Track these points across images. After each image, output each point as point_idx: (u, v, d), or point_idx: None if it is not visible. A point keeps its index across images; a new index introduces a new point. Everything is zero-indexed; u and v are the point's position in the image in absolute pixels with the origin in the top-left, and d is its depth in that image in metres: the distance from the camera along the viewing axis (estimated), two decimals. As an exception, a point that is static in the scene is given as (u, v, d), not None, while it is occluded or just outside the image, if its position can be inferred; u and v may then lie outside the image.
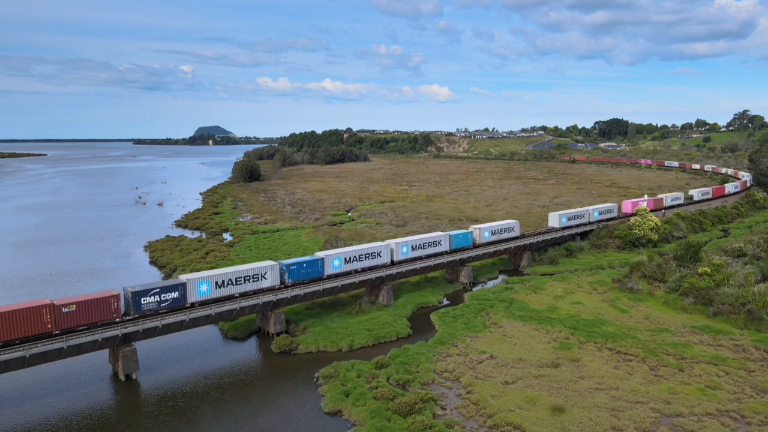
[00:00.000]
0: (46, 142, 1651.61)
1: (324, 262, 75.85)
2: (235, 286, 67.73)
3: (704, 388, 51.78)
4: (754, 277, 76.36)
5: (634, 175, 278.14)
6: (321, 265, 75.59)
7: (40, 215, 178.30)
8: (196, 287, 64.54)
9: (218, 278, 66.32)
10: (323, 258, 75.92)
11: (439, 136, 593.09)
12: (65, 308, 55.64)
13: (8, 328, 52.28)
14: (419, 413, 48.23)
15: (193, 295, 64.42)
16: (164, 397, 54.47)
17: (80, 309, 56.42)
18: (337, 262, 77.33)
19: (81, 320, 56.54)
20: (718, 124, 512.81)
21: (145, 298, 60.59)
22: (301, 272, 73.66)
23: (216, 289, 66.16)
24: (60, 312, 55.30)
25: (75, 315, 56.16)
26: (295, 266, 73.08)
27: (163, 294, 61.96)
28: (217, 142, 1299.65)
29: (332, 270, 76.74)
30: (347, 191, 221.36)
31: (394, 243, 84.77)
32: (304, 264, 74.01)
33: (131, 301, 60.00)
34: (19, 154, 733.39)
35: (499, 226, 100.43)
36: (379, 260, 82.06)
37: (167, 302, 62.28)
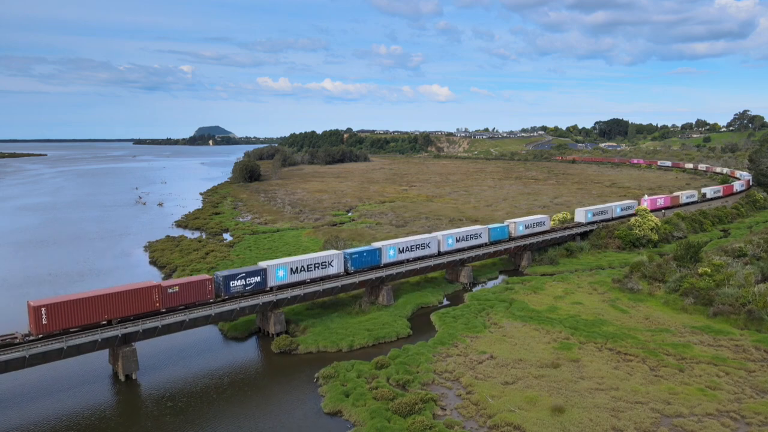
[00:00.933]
0: (46, 142, 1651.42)
1: (381, 251, 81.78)
2: (307, 273, 73.75)
3: (704, 389, 51.76)
4: (754, 278, 76.35)
5: (634, 175, 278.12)
6: (378, 254, 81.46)
7: (41, 215, 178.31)
8: (275, 273, 70.97)
9: (293, 265, 72.51)
10: (380, 248, 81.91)
11: (439, 136, 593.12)
12: (170, 289, 62.58)
13: (126, 306, 59.34)
14: (419, 413, 48.22)
15: (272, 280, 70.77)
16: (164, 397, 54.47)
17: (182, 290, 63.25)
18: (392, 251, 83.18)
19: (182, 300, 63.21)
20: (719, 124, 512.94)
21: (233, 282, 67.13)
22: (362, 260, 79.57)
23: (291, 275, 72.41)
24: (166, 292, 62.12)
25: (177, 295, 62.92)
26: (357, 255, 78.92)
27: (248, 278, 68.26)
28: (217, 142, 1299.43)
29: (388, 259, 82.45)
30: (347, 191, 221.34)
31: (441, 235, 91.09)
32: (365, 253, 79.91)
33: (222, 285, 66.24)
34: (19, 154, 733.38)
35: (532, 220, 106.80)
36: (428, 251, 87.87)
37: (251, 285, 68.67)
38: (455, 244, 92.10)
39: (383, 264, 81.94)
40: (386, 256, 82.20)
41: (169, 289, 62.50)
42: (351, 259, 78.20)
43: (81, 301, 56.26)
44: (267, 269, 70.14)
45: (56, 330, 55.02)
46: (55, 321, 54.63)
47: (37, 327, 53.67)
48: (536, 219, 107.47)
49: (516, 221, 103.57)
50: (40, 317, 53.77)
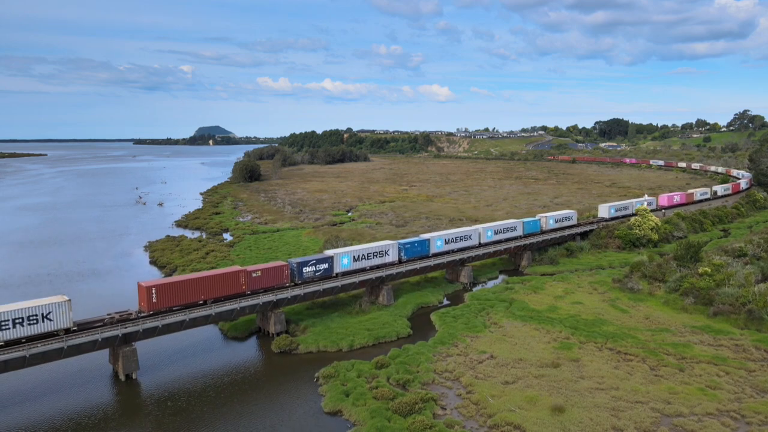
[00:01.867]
0: (46, 142, 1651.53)
1: (430, 242, 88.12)
2: (367, 260, 79.86)
3: (704, 388, 51.76)
4: (754, 277, 76.34)
5: (633, 175, 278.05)
6: (428, 245, 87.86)
7: (41, 215, 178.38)
8: (340, 260, 77.06)
9: (356, 253, 78.81)
10: (429, 239, 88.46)
11: (439, 136, 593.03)
12: (254, 274, 68.77)
13: (219, 288, 65.91)
14: (419, 413, 48.22)
15: (338, 267, 76.91)
16: (164, 397, 54.48)
17: (263, 275, 69.61)
18: (440, 242, 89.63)
19: (263, 284, 69.40)
20: (719, 124, 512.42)
21: (305, 268, 73.34)
22: (414, 250, 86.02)
23: (354, 262, 78.50)
24: (250, 276, 68.27)
25: (259, 279, 69.02)
26: (410, 245, 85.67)
27: (317, 265, 74.61)
28: (217, 142, 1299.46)
29: (436, 249, 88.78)
30: (347, 191, 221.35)
31: (482, 228, 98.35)
32: (416, 244, 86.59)
33: (296, 270, 72.33)
34: (20, 154, 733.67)
35: (561, 215, 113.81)
36: (470, 242, 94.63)
37: (320, 271, 74.95)
38: (494, 236, 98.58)
39: (432, 254, 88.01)
40: (434, 246, 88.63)
41: (253, 273, 68.58)
42: (404, 248, 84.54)
43: (183, 283, 62.90)
44: (334, 257, 76.33)
45: (163, 308, 61.39)
46: (162, 300, 61.29)
47: (148, 305, 60.46)
48: (565, 214, 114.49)
49: (547, 215, 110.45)
50: (151, 296, 60.53)
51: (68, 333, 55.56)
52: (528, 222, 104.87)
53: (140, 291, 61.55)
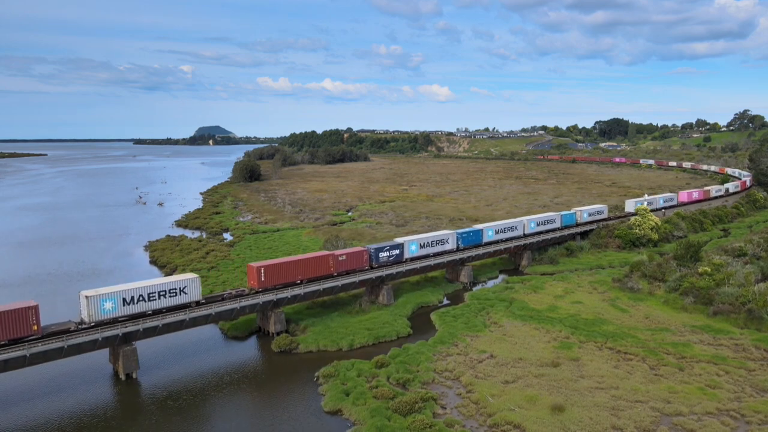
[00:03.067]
0: (46, 142, 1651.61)
1: (483, 232, 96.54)
2: (431, 248, 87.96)
3: (704, 388, 51.79)
4: (754, 277, 76.36)
5: (634, 175, 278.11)
6: (481, 234, 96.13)
7: (41, 215, 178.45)
8: (409, 247, 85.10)
9: (422, 241, 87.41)
10: (482, 229, 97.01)
11: (439, 136, 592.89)
12: (340, 257, 76.48)
13: (312, 269, 73.73)
14: (419, 412, 48.26)
15: (407, 253, 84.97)
16: (164, 396, 54.52)
17: (347, 258, 77.39)
18: (491, 232, 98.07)
19: (347, 266, 77.13)
20: (719, 123, 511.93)
21: (381, 253, 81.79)
22: (469, 239, 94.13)
23: (420, 249, 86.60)
24: (337, 260, 75.89)
25: (344, 262, 76.65)
26: (466, 234, 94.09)
27: (391, 250, 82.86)
28: (217, 142, 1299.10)
29: (487, 239, 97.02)
30: (347, 191, 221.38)
31: (526, 220, 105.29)
32: (471, 233, 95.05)
33: (373, 255, 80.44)
34: (20, 154, 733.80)
35: (594, 209, 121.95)
36: (516, 233, 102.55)
37: (393, 257, 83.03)
38: (536, 227, 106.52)
39: (484, 242, 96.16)
40: (486, 236, 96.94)
41: (339, 257, 76.20)
42: (461, 237, 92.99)
43: (284, 264, 71.77)
44: (404, 244, 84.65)
45: (269, 285, 69.89)
46: (269, 278, 69.63)
47: (258, 283, 68.92)
48: (597, 208, 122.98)
49: (581, 209, 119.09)
50: (260, 275, 68.98)
51: (198, 305, 64.25)
52: (565, 215, 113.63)
53: (250, 271, 69.94)
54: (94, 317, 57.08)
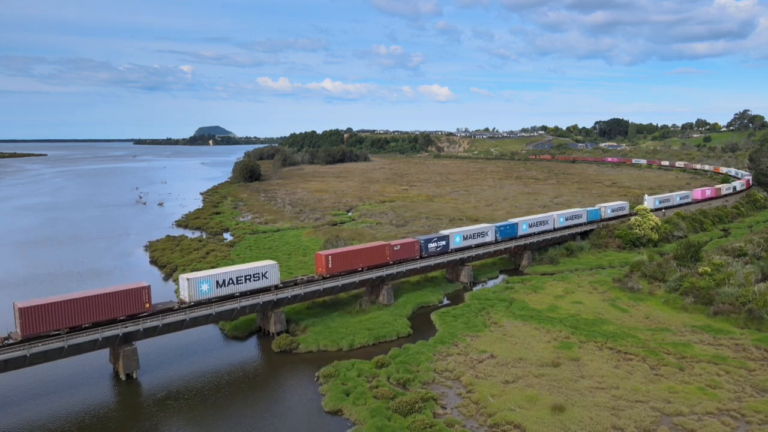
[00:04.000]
0: (47, 142, 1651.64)
1: (518, 225, 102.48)
2: (473, 239, 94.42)
3: (704, 388, 51.80)
4: (754, 277, 76.37)
5: (634, 175, 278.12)
6: (516, 228, 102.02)
7: (41, 215, 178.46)
8: (454, 238, 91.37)
9: (465, 233, 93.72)
10: (517, 223, 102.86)
11: (439, 136, 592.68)
12: (395, 247, 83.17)
13: (370, 258, 79.91)
14: (419, 412, 48.26)
15: (452, 244, 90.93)
16: (165, 396, 54.51)
17: (401, 248, 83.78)
18: (525, 226, 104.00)
19: (401, 255, 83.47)
20: (719, 123, 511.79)
21: (430, 244, 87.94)
22: (506, 232, 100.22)
23: (463, 241, 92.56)
24: (393, 249, 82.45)
25: (399, 252, 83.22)
26: (503, 228, 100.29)
27: (438, 242, 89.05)
28: (217, 142, 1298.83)
29: (522, 232, 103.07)
30: (347, 191, 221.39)
31: (556, 215, 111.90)
32: (508, 227, 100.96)
33: (423, 246, 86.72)
34: (20, 154, 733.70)
35: (617, 205, 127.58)
36: (547, 227, 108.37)
37: (440, 247, 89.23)
38: (565, 222, 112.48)
39: (519, 235, 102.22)
40: (521, 229, 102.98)
41: (394, 247, 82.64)
42: (499, 230, 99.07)
43: (348, 253, 78.05)
44: (450, 236, 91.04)
45: (336, 272, 75.84)
46: (336, 265, 75.75)
47: (326, 269, 74.90)
48: (620, 204, 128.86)
49: (605, 205, 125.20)
50: (328, 262, 75.08)
51: (277, 288, 70.33)
52: (591, 210, 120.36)
53: (318, 259, 76.13)
54: (194, 297, 63.67)
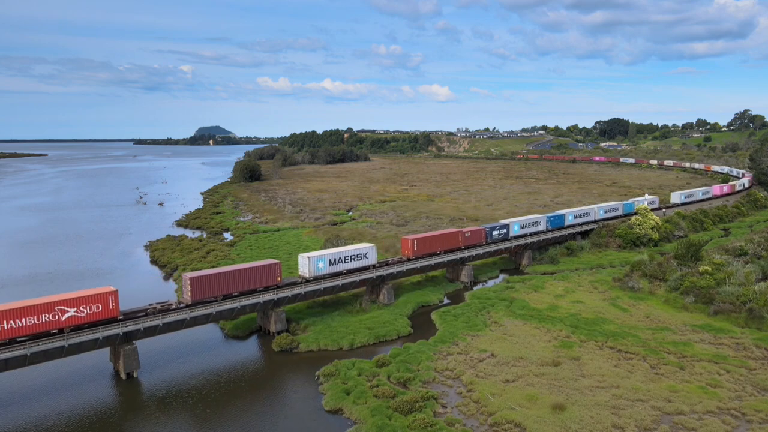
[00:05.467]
0: (47, 143, 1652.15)
1: (565, 217, 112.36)
2: (528, 228, 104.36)
3: (705, 387, 51.78)
4: (754, 276, 76.33)
5: (634, 174, 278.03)
6: (563, 219, 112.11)
7: (42, 215, 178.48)
8: (513, 227, 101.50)
9: (522, 222, 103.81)
10: (565, 214, 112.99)
11: (439, 136, 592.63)
12: (466, 234, 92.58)
13: (447, 242, 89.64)
14: (420, 411, 48.24)
15: (512, 232, 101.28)
16: (165, 395, 54.51)
17: (471, 235, 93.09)
18: (571, 217, 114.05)
19: (471, 241, 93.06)
20: (719, 123, 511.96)
21: (494, 231, 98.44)
22: (555, 222, 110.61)
23: (521, 229, 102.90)
24: (464, 236, 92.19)
25: (469, 238, 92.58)
26: (553, 218, 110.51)
27: (500, 230, 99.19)
28: (217, 142, 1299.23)
29: (568, 222, 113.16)
30: (348, 191, 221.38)
31: (597, 207, 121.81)
32: (556, 217, 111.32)
33: (488, 233, 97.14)
34: (20, 154, 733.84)
35: (649, 199, 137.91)
36: (589, 218, 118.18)
37: (502, 235, 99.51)
38: (604, 213, 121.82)
39: (566, 225, 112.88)
40: (568, 219, 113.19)
41: (466, 234, 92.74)
42: (550, 220, 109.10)
43: (430, 238, 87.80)
44: (510, 225, 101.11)
45: (421, 254, 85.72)
46: (420, 248, 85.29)
47: (412, 252, 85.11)
48: (652, 198, 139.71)
49: (638, 199, 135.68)
50: (413, 246, 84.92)
51: (374, 268, 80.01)
52: (627, 204, 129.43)
53: (404, 243, 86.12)
54: (313, 273, 74.41)
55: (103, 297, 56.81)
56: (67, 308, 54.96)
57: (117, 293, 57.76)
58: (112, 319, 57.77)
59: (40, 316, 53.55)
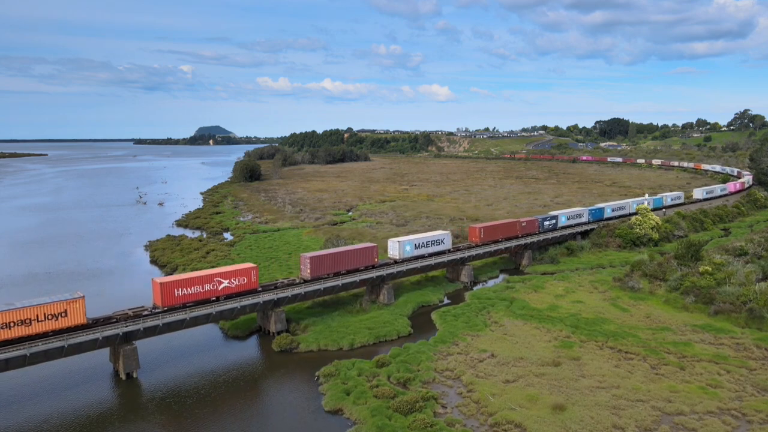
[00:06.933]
0: (47, 142, 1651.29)
1: (604, 210, 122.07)
2: (573, 220, 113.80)
3: (705, 387, 51.74)
4: (755, 276, 76.27)
5: (634, 174, 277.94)
6: (603, 212, 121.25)
7: (42, 215, 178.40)
8: (561, 218, 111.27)
9: (568, 214, 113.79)
10: (604, 207, 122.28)
11: (439, 136, 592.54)
12: (523, 223, 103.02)
13: (505, 232, 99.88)
14: (420, 412, 48.20)
15: (560, 223, 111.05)
16: (165, 395, 54.47)
17: (527, 224, 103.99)
18: (609, 210, 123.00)
19: (526, 230, 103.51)
20: (719, 123, 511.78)
21: (545, 222, 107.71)
22: (595, 215, 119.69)
23: (568, 220, 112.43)
24: (521, 225, 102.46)
25: (525, 227, 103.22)
26: (594, 210, 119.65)
27: (550, 220, 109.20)
28: (217, 142, 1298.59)
29: (607, 215, 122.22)
30: (348, 191, 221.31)
31: (631, 201, 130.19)
32: (596, 210, 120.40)
33: (540, 223, 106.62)
34: (20, 154, 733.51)
35: (675, 195, 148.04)
36: (624, 211, 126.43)
37: (551, 224, 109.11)
38: (636, 207, 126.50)
39: (605, 217, 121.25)
40: (606, 212, 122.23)
41: (522, 223, 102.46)
42: (591, 213, 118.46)
43: (494, 226, 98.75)
44: (558, 216, 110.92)
45: (487, 241, 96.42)
46: (486, 236, 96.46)
47: (479, 239, 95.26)
48: (677, 194, 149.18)
49: (666, 195, 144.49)
50: (480, 233, 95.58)
51: (450, 252, 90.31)
52: (656, 198, 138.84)
53: (472, 231, 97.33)
54: (402, 255, 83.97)
55: (247, 271, 67.51)
56: (223, 279, 65.53)
57: (257, 269, 68.99)
58: (253, 290, 68.21)
59: (204, 285, 63.94)
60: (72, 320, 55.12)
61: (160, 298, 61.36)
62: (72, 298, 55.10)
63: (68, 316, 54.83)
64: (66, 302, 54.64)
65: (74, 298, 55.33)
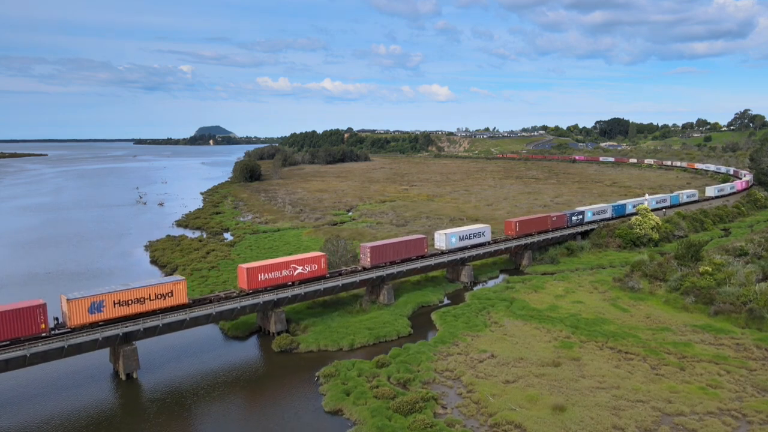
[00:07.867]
0: (47, 142, 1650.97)
1: (626, 206, 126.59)
2: (599, 215, 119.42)
3: (705, 387, 51.72)
4: (755, 276, 76.22)
5: (634, 174, 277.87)
6: (624, 208, 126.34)
7: (42, 215, 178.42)
8: (587, 213, 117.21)
9: (594, 210, 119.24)
10: (626, 204, 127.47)
11: (439, 136, 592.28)
12: (553, 218, 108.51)
13: (541, 225, 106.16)
14: (420, 412, 48.19)
15: (587, 218, 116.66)
16: (165, 396, 54.47)
17: (557, 219, 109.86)
18: (630, 206, 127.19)
19: (556, 224, 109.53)
20: (719, 123, 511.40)
21: (573, 217, 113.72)
22: (618, 211, 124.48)
23: (593, 216, 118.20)
24: (552, 220, 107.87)
25: (555, 222, 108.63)
26: (617, 207, 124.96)
27: (577, 216, 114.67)
28: (217, 142, 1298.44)
29: (629, 210, 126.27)
30: (348, 191, 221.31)
31: (650, 198, 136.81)
32: (619, 206, 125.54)
33: (568, 218, 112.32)
34: (20, 154, 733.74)
35: (689, 192, 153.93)
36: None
37: (578, 219, 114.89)
38: (656, 204, 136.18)
39: (627, 213, 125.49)
40: (628, 209, 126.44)
41: (553, 218, 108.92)
42: (614, 209, 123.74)
43: (530, 220, 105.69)
44: (584, 212, 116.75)
45: (523, 233, 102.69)
46: (521, 229, 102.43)
47: (515, 232, 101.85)
48: (691, 192, 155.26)
49: (681, 192, 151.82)
50: (516, 227, 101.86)
51: (489, 244, 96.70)
52: (672, 196, 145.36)
53: (507, 225, 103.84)
54: (448, 246, 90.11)
55: (317, 259, 73.78)
56: (297, 266, 71.77)
57: (326, 257, 75.22)
58: (322, 276, 74.25)
59: (282, 270, 70.08)
60: (177, 300, 61.27)
61: (246, 281, 66.95)
62: (177, 281, 61.81)
63: (174, 296, 60.81)
64: (172, 284, 61.20)
65: (179, 281, 61.95)
